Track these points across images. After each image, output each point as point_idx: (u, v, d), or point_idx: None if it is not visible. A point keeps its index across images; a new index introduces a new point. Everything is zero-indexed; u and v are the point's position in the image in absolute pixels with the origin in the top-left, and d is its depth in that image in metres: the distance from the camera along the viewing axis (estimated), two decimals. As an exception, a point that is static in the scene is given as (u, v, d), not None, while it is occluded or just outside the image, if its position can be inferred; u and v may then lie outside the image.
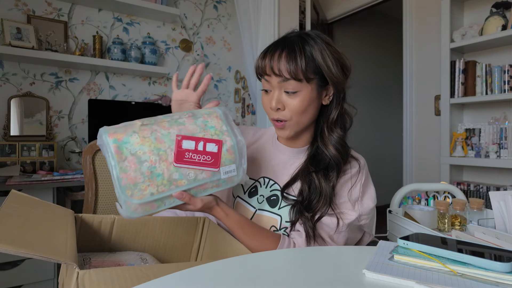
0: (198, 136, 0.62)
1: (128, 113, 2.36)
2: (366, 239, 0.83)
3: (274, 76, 0.72)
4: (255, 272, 0.50)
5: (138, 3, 2.37)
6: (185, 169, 0.61)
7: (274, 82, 0.73)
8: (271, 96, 0.75)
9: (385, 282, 0.46)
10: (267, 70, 0.73)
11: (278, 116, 0.74)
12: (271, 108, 0.75)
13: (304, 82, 0.72)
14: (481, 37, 2.05)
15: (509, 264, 0.44)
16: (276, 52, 0.72)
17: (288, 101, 0.73)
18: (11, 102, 2.09)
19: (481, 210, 0.93)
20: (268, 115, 0.78)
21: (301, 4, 2.71)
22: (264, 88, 0.77)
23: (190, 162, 0.61)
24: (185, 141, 0.61)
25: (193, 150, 0.61)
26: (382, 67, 4.16)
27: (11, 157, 1.99)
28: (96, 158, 1.45)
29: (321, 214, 0.72)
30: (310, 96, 0.73)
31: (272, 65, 0.72)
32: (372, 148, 3.99)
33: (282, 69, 0.71)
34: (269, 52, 0.74)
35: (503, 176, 2.12)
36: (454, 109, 2.26)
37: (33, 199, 0.68)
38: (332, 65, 0.73)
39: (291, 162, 0.82)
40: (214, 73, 2.96)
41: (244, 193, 0.84)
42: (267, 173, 0.83)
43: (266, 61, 0.73)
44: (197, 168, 0.62)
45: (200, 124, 0.64)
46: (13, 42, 2.01)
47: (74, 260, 0.48)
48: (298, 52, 0.71)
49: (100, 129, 0.60)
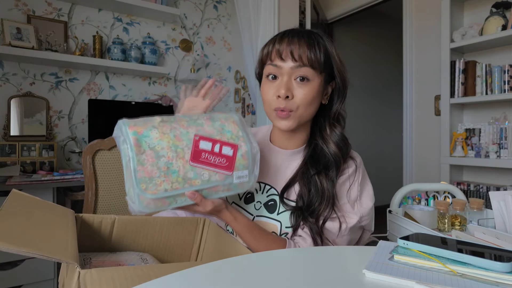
0: (215, 138, 0.63)
1: (128, 113, 2.35)
2: (366, 236, 0.82)
3: (291, 60, 0.70)
4: (255, 272, 0.50)
5: (138, 3, 2.37)
6: (200, 169, 0.61)
7: (287, 68, 0.71)
8: (279, 83, 0.71)
9: (385, 282, 0.46)
10: (284, 53, 0.70)
11: (286, 105, 0.70)
12: (279, 95, 0.70)
13: (317, 72, 0.71)
14: (481, 37, 2.05)
15: (509, 264, 0.44)
16: (295, 37, 0.71)
17: (297, 89, 0.71)
18: (11, 102, 2.09)
19: (481, 210, 0.93)
20: (270, 105, 0.73)
21: (301, 4, 2.71)
22: (271, 73, 0.73)
23: (205, 163, 0.62)
24: (202, 141, 0.62)
25: (209, 151, 0.62)
26: (382, 67, 4.16)
27: (11, 157, 1.99)
28: (96, 158, 1.45)
29: (324, 218, 0.71)
30: (318, 88, 0.72)
31: (292, 49, 0.70)
32: (372, 148, 3.99)
33: (302, 54, 0.70)
34: (287, 36, 0.72)
35: (503, 176, 2.13)
36: (454, 109, 2.26)
37: (34, 198, 0.68)
38: (340, 61, 0.75)
39: (286, 165, 0.80)
40: (214, 73, 2.96)
41: (240, 199, 0.81)
42: (262, 178, 0.80)
43: (284, 45, 0.71)
44: (211, 169, 0.62)
45: (218, 127, 0.65)
46: (13, 42, 2.01)
47: (75, 259, 0.48)
48: (317, 42, 0.71)
49: (119, 120, 0.61)
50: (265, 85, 0.75)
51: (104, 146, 1.45)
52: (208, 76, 2.92)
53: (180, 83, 2.76)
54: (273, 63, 0.72)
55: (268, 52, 0.74)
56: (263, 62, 0.76)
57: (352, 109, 4.07)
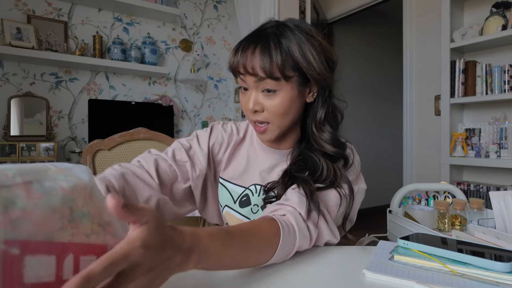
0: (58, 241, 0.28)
1: (128, 113, 2.36)
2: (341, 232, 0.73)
3: (248, 75, 0.64)
4: (254, 272, 0.50)
5: (138, 3, 2.37)
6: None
7: (250, 82, 0.65)
8: (248, 96, 0.67)
9: (385, 282, 0.46)
10: (240, 68, 0.65)
11: (257, 118, 0.67)
12: (248, 109, 0.67)
13: (283, 81, 0.63)
14: (481, 37, 2.05)
15: (509, 264, 0.44)
16: (249, 48, 0.63)
17: (266, 102, 0.65)
18: (11, 102, 2.09)
19: (481, 210, 0.93)
20: (247, 117, 0.69)
21: (301, 4, 2.71)
22: (242, 86, 0.68)
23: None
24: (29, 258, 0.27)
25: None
26: (382, 67, 4.16)
27: (11, 157, 1.99)
28: (96, 158, 1.45)
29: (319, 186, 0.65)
30: (291, 96, 0.65)
31: (245, 63, 0.63)
32: (372, 148, 3.99)
33: (256, 67, 0.62)
34: (241, 47, 0.65)
35: (503, 176, 2.12)
36: (454, 109, 2.26)
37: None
38: (313, 60, 0.64)
39: (279, 164, 0.75)
40: (214, 73, 2.96)
41: (234, 203, 0.76)
42: (257, 179, 0.75)
43: (239, 58, 0.64)
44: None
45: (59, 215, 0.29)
46: (13, 42, 2.01)
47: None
48: (273, 47, 0.62)
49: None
50: (240, 96, 0.70)
51: (104, 146, 1.45)
52: (208, 76, 2.92)
53: (180, 83, 2.76)
54: (240, 76, 0.67)
55: (230, 65, 0.68)
56: (233, 72, 0.70)
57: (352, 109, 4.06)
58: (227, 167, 0.78)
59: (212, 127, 0.79)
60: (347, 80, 3.82)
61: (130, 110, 2.36)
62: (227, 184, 0.77)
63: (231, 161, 0.78)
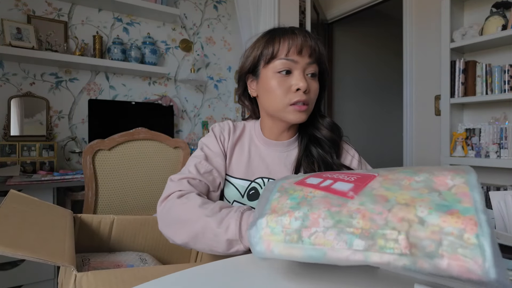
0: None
1: (128, 113, 2.36)
2: None
3: (308, 56, 0.72)
4: (254, 272, 0.50)
5: (138, 3, 2.37)
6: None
7: (302, 63, 0.72)
8: (296, 77, 0.72)
9: (384, 283, 0.46)
10: (305, 49, 0.72)
11: (304, 98, 0.72)
12: (299, 88, 0.71)
13: (318, 69, 0.75)
14: (481, 37, 2.05)
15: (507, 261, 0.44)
16: (300, 33, 0.72)
17: (311, 84, 0.74)
18: (11, 102, 2.09)
19: (480, 211, 0.93)
20: (283, 99, 0.72)
21: (301, 4, 2.71)
22: (285, 68, 0.72)
23: None
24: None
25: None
26: (382, 67, 4.16)
27: (11, 157, 1.99)
28: (96, 158, 1.45)
29: None
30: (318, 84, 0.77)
31: (311, 44, 0.72)
32: (372, 148, 3.98)
33: (312, 49, 0.72)
34: (298, 32, 0.73)
35: (503, 176, 2.12)
36: (454, 109, 2.25)
37: (32, 199, 0.68)
38: (326, 59, 0.79)
39: (285, 155, 0.80)
40: (214, 73, 2.96)
41: (242, 197, 0.78)
42: (264, 172, 0.78)
43: (300, 40, 0.71)
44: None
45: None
46: (13, 42, 2.01)
47: (71, 262, 0.48)
48: (319, 39, 0.75)
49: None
50: (276, 80, 0.72)
51: (104, 146, 1.45)
52: (208, 76, 2.92)
53: (180, 83, 2.76)
54: (290, 57, 0.71)
55: (279, 47, 0.72)
56: (272, 57, 0.73)
57: (351, 109, 4.07)
58: (229, 163, 0.80)
59: (212, 130, 0.83)
60: (347, 80, 3.82)
61: (130, 110, 2.36)
62: (232, 179, 0.79)
63: (232, 157, 0.80)
